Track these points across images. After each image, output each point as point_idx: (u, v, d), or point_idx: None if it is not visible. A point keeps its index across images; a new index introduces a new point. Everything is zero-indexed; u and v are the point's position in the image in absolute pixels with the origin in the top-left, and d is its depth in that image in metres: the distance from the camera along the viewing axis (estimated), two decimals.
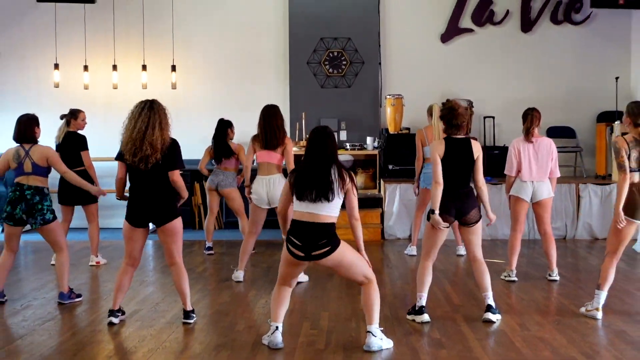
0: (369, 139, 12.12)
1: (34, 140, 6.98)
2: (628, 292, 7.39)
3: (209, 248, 9.83)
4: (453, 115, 6.22)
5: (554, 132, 12.19)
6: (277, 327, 5.53)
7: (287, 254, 5.44)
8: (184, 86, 12.59)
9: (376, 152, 12.03)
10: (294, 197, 5.45)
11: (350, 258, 5.43)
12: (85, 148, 8.75)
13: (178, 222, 6.14)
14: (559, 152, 8.09)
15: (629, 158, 6.14)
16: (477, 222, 6.26)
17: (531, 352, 5.38)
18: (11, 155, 6.92)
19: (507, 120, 12.16)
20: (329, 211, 5.37)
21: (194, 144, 11.96)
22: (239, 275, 8.11)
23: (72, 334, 5.98)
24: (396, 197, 11.17)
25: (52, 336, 5.91)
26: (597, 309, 6.35)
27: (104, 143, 10.41)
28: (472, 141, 6.31)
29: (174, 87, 12.39)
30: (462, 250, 9.44)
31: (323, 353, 5.40)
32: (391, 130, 12.00)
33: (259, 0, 12.71)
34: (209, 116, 12.06)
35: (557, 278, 7.95)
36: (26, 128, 6.96)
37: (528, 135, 7.84)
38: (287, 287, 5.60)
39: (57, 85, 12.36)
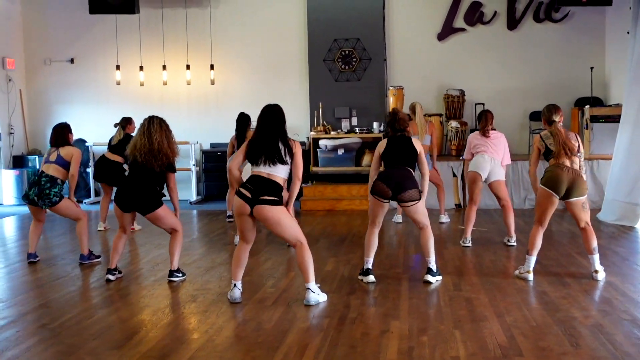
0: (375, 124, 11.65)
1: (67, 144, 6.83)
2: (569, 255, 6.79)
3: (229, 216, 9.60)
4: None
5: (536, 116, 11.52)
6: (235, 284, 5.26)
7: (238, 202, 5.05)
8: (221, 82, 12.35)
9: (381, 135, 11.55)
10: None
11: (286, 220, 5.06)
12: None
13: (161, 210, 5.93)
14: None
15: (547, 147, 5.88)
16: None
17: (450, 310, 4.93)
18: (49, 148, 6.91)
19: (495, 106, 11.46)
20: (277, 172, 5.05)
21: (230, 131, 11.73)
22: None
23: (77, 288, 5.88)
24: None
25: (59, 290, 5.77)
26: (528, 272, 5.84)
27: None
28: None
29: (212, 82, 12.20)
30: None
31: (268, 308, 5.08)
32: None
33: (283, 9, 12.30)
34: (242, 107, 11.67)
35: (515, 244, 7.40)
36: (61, 135, 6.83)
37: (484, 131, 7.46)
38: (246, 245, 5.27)
39: (118, 83, 12.30)
